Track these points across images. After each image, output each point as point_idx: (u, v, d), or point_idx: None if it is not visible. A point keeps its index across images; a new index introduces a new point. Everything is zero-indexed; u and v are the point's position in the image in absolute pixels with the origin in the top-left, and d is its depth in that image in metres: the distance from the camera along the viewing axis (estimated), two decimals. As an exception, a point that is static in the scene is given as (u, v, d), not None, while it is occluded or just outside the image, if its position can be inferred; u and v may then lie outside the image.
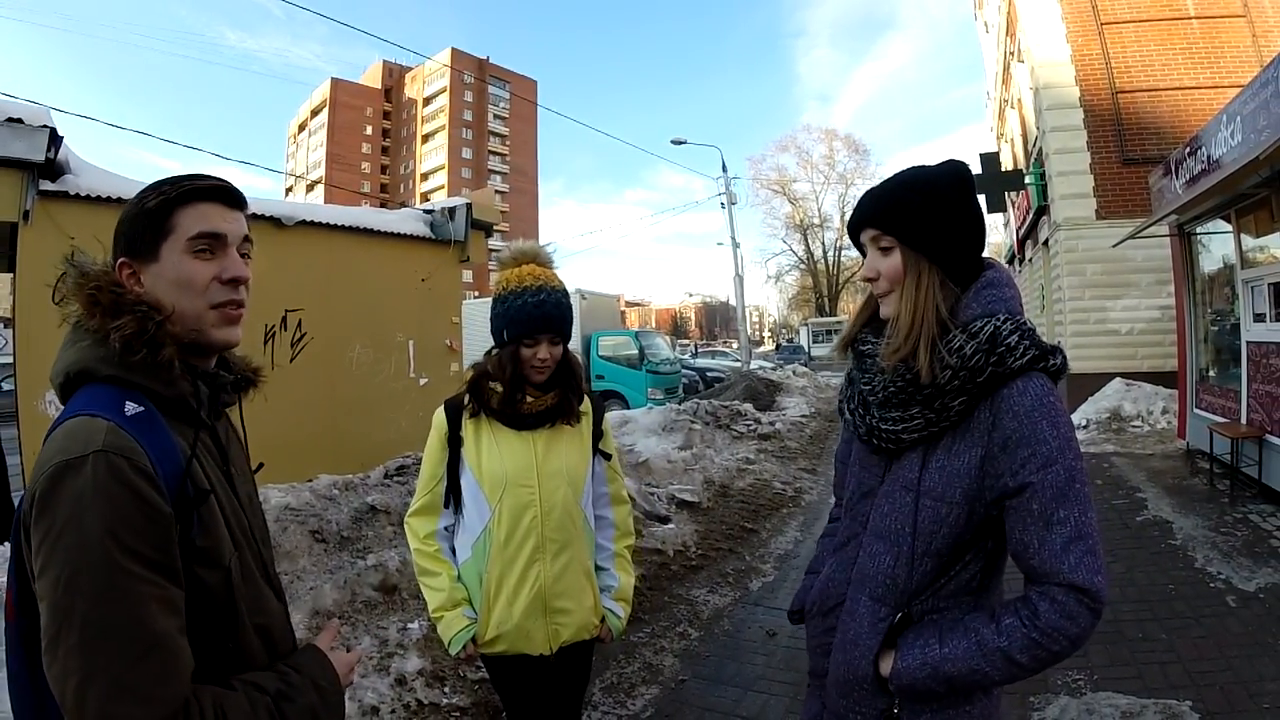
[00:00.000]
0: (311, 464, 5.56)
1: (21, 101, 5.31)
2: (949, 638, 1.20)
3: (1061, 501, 1.13)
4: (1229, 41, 11.46)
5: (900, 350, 1.25)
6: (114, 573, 0.90)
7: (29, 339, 4.95)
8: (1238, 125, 6.42)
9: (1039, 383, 1.20)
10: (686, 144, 23.03)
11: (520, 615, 1.95)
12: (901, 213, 1.28)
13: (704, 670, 3.80)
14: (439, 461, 2.03)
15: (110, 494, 0.92)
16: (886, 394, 1.29)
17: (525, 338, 1.94)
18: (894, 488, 1.31)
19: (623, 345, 17.18)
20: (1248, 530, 5.49)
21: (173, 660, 0.92)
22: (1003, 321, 1.22)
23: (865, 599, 1.32)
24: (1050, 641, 1.12)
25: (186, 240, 1.10)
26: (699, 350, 38.78)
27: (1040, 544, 1.14)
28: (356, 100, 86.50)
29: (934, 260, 1.28)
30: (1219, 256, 7.97)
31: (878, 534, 1.33)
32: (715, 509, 6.69)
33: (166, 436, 1.04)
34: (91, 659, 0.87)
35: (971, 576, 1.27)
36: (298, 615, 3.59)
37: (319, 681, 1.13)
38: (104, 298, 1.06)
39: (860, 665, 1.29)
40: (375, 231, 7.29)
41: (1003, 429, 1.18)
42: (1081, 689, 3.33)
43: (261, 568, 1.21)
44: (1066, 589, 1.12)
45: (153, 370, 1.06)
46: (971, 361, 1.19)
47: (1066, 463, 1.14)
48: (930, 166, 1.34)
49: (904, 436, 1.27)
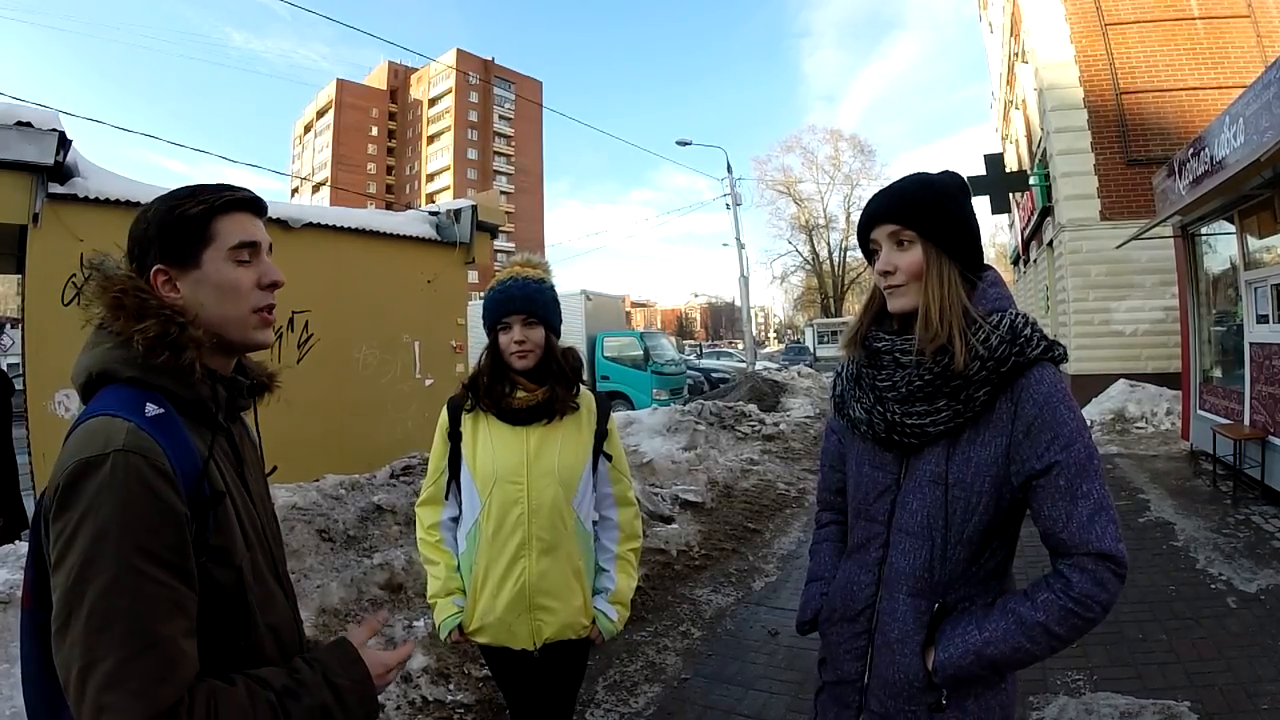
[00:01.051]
0: (318, 464, 5.61)
1: (31, 105, 5.36)
2: (986, 622, 1.25)
3: (1084, 476, 1.21)
4: (1233, 42, 11.45)
5: (938, 338, 1.29)
6: (124, 569, 0.92)
7: (38, 340, 4.99)
8: (1240, 126, 6.43)
9: (1051, 371, 1.28)
10: (692, 145, 23.02)
11: (503, 609, 2.00)
12: (921, 208, 1.34)
13: (706, 669, 3.83)
14: (441, 455, 2.13)
15: (128, 492, 0.95)
16: (911, 388, 1.33)
17: (497, 323, 2.03)
18: (920, 483, 1.34)
19: (628, 346, 17.21)
20: (1250, 532, 5.50)
21: (170, 662, 0.94)
22: (1016, 315, 1.30)
23: (904, 596, 1.35)
24: (1084, 609, 1.18)
25: (229, 249, 1.15)
26: (704, 351, 38.76)
27: (1069, 518, 1.21)
28: (362, 101, 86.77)
29: (952, 256, 1.33)
30: (1223, 257, 7.97)
31: (907, 530, 1.35)
32: (719, 509, 6.72)
33: (185, 438, 1.07)
34: (93, 649, 0.90)
35: (998, 563, 1.33)
36: (305, 613, 3.63)
37: (335, 679, 1.09)
38: (129, 301, 1.08)
39: (912, 664, 1.31)
40: (381, 233, 7.33)
41: (1025, 416, 1.25)
42: (1081, 689, 3.35)
43: (272, 567, 1.23)
44: (1096, 558, 1.18)
45: (174, 373, 1.09)
46: (999, 352, 1.26)
47: (1085, 441, 1.23)
48: (932, 173, 1.40)
49: (930, 430, 1.31)
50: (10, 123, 4.71)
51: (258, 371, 1.32)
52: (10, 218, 4.89)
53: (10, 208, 4.86)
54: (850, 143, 53.24)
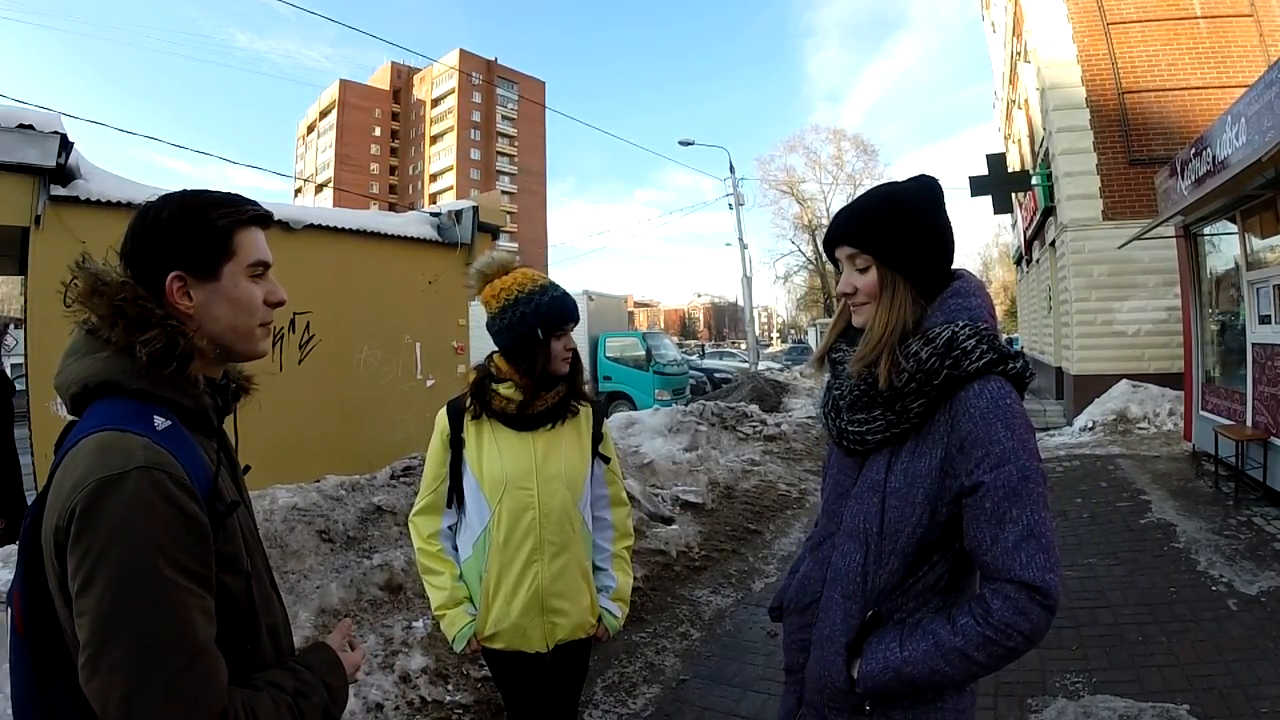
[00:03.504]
0: (319, 464, 5.63)
1: (33, 108, 5.38)
2: (909, 641, 1.24)
3: (1014, 501, 1.18)
4: (1236, 41, 11.41)
5: (865, 358, 1.33)
6: (163, 585, 0.93)
7: (40, 342, 5.01)
8: (1242, 126, 6.41)
9: (996, 385, 1.25)
10: (694, 145, 23.05)
11: (518, 614, 2.00)
12: (877, 231, 1.35)
13: (705, 670, 3.83)
14: (441, 462, 2.09)
15: (156, 509, 0.94)
16: (852, 397, 1.36)
17: (557, 330, 2.02)
18: (863, 488, 1.36)
19: (630, 346, 17.24)
20: (1251, 533, 5.48)
21: (214, 667, 0.97)
22: (960, 327, 1.28)
23: (838, 596, 1.37)
24: (1004, 638, 1.16)
25: (247, 265, 1.17)
26: (706, 351, 38.73)
27: (993, 542, 1.18)
28: (365, 102, 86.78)
29: (907, 276, 1.34)
30: (1226, 258, 7.95)
31: (848, 533, 1.37)
32: (719, 510, 6.72)
33: (194, 449, 1.08)
34: (139, 670, 0.90)
35: (939, 577, 1.31)
36: (305, 614, 3.64)
37: (328, 679, 1.18)
38: (130, 310, 1.06)
39: (834, 663, 1.33)
40: (382, 234, 7.33)
41: (960, 430, 1.24)
42: (1079, 692, 3.35)
43: (267, 570, 1.26)
44: (1018, 586, 1.16)
45: (180, 384, 1.09)
46: (926, 365, 1.25)
47: (1020, 463, 1.19)
48: (902, 183, 1.40)
49: (869, 438, 1.34)
50: (12, 125, 4.73)
51: (235, 375, 1.32)
52: (13, 219, 4.91)
53: (13, 210, 4.88)
54: (853, 142, 53.12)
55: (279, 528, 4.29)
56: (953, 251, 1.39)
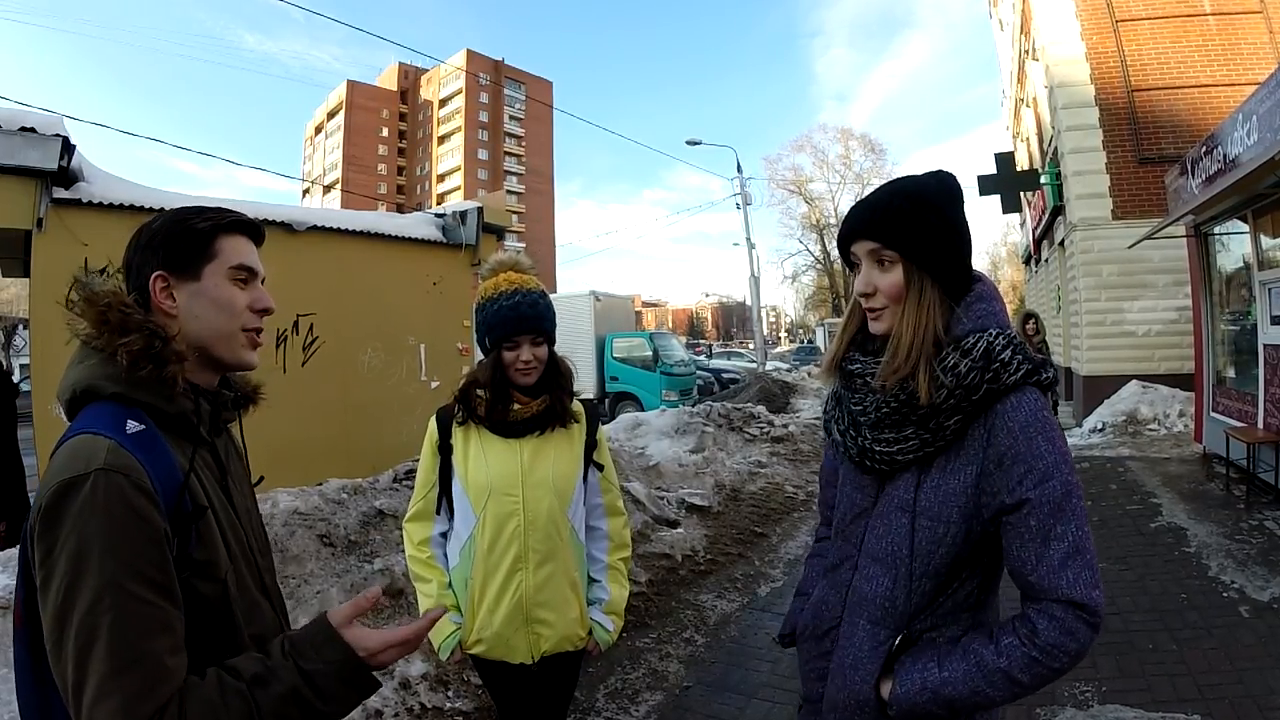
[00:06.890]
0: (323, 467, 5.61)
1: (35, 110, 5.38)
2: (947, 661, 1.18)
3: (1059, 517, 1.12)
4: (1245, 38, 11.31)
5: (900, 370, 1.22)
6: (107, 587, 0.93)
7: (44, 344, 5.01)
8: (1254, 124, 6.33)
9: (1032, 397, 1.18)
10: (702, 144, 23.04)
11: (500, 623, 1.97)
12: (902, 226, 1.24)
13: (709, 677, 3.79)
14: (431, 469, 2.08)
15: (110, 511, 0.96)
16: (879, 415, 1.27)
17: (505, 341, 1.96)
18: (889, 509, 1.29)
19: (637, 347, 17.18)
20: (1263, 538, 5.40)
21: (153, 678, 0.95)
22: (995, 336, 1.20)
23: (863, 622, 1.30)
24: (1050, 659, 1.11)
25: (229, 268, 1.21)
26: (714, 351, 38.68)
27: (1038, 560, 1.13)
28: (373, 103, 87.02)
29: (934, 277, 1.25)
30: (1237, 257, 7.86)
31: (874, 557, 1.30)
32: (725, 513, 6.68)
33: (166, 454, 1.08)
34: (81, 666, 0.92)
35: (969, 594, 1.26)
36: (305, 619, 3.61)
37: (303, 664, 1.04)
38: (113, 316, 1.10)
39: (861, 690, 1.26)
40: (386, 236, 7.32)
41: (998, 445, 1.17)
42: (1088, 701, 3.29)
43: (258, 579, 1.24)
44: (1065, 605, 1.11)
45: (156, 387, 1.11)
46: (967, 380, 1.17)
47: (1063, 477, 1.14)
48: (921, 177, 1.30)
49: (899, 458, 1.25)
50: (14, 128, 4.73)
51: (242, 385, 1.36)
52: (15, 222, 4.91)
53: (15, 212, 4.88)
54: (861, 141, 53.18)
55: (280, 531, 4.27)
56: (972, 250, 1.31)
